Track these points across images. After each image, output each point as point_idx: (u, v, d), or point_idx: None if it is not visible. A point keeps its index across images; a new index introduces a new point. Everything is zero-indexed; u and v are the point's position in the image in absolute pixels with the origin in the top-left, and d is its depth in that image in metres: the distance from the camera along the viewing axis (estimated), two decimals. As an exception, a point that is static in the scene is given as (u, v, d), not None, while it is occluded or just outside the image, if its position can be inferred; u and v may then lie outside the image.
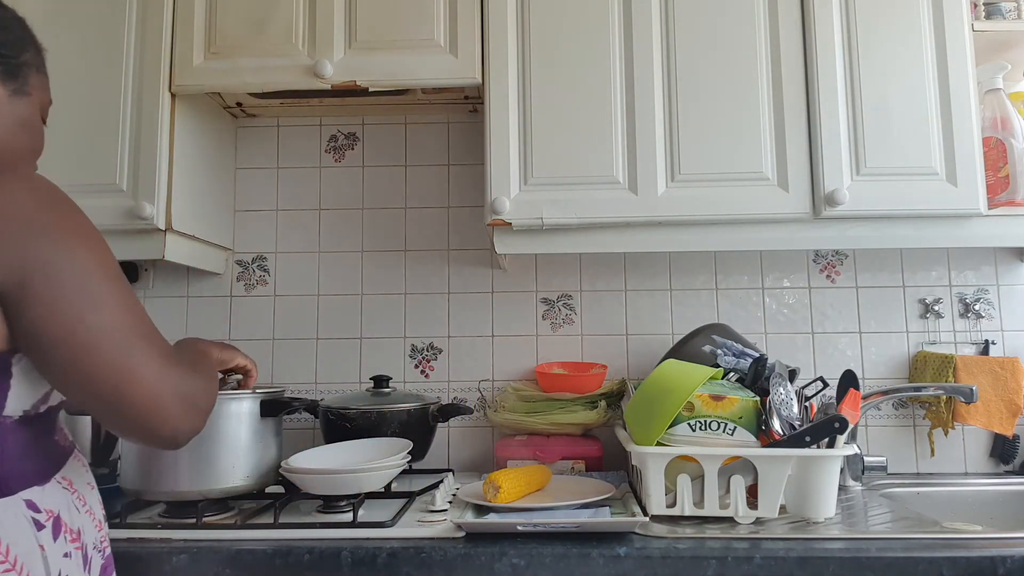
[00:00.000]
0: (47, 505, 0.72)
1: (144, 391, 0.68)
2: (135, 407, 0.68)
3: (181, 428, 0.71)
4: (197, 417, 0.74)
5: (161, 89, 1.30)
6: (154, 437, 0.71)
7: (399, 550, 0.94)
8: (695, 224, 1.27)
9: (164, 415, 0.69)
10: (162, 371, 0.69)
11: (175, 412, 0.70)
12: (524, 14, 1.30)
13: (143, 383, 0.68)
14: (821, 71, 1.26)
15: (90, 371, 0.66)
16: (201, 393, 0.75)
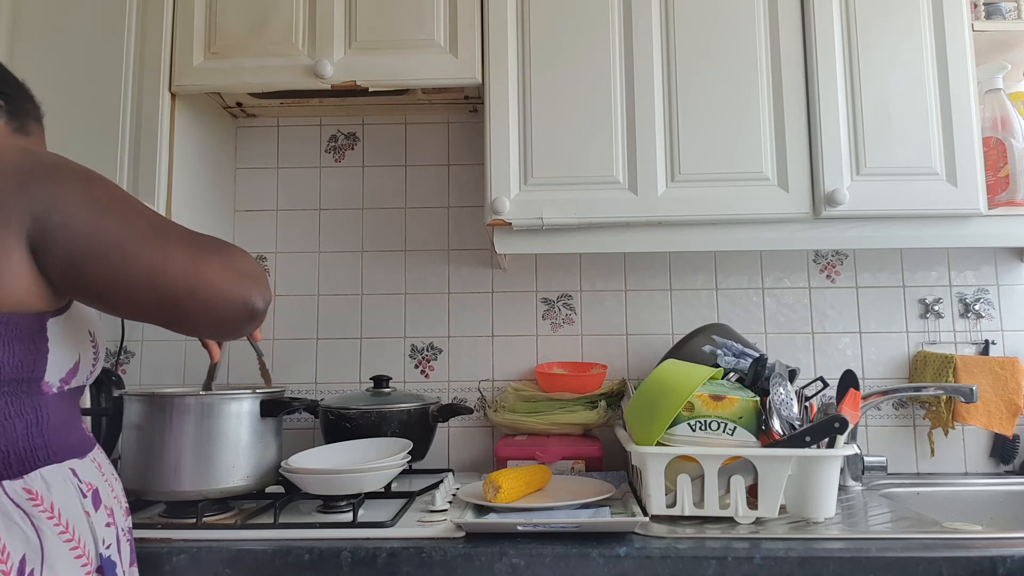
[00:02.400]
0: (86, 478, 0.77)
1: (180, 273, 0.71)
2: (184, 297, 0.71)
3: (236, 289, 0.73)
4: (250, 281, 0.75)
5: (161, 89, 1.30)
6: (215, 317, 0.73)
7: (399, 550, 0.94)
8: (695, 224, 1.27)
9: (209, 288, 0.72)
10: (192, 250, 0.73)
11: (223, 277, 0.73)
12: (524, 14, 1.30)
13: (177, 265, 0.71)
14: (821, 71, 1.26)
15: (123, 265, 0.70)
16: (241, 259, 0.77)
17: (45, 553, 0.68)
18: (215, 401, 1.10)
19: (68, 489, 0.73)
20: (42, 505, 0.70)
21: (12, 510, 0.67)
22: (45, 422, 0.74)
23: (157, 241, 0.72)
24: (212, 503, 1.09)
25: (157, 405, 1.08)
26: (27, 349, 0.71)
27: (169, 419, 1.07)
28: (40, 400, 0.74)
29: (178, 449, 1.06)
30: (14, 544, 0.66)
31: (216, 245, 0.76)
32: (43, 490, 0.71)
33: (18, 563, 0.66)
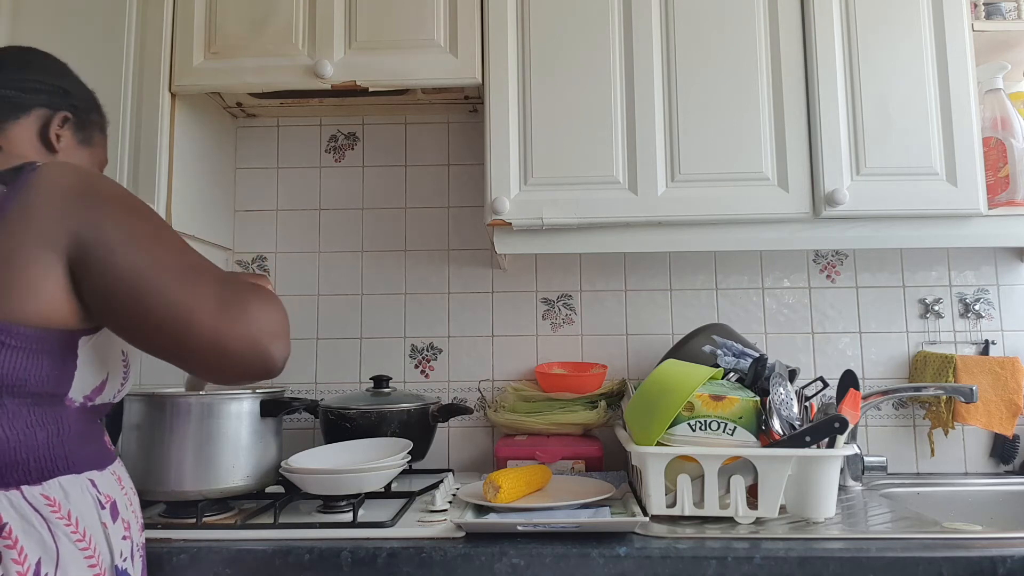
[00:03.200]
0: (105, 490, 0.78)
1: (207, 322, 0.71)
2: (202, 340, 0.71)
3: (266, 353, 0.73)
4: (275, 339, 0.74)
5: (161, 89, 1.30)
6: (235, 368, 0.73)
7: (399, 550, 0.94)
8: (695, 224, 1.27)
9: (234, 341, 0.71)
10: (221, 300, 0.72)
11: (249, 338, 0.72)
12: (524, 14, 1.30)
13: (204, 314, 0.71)
14: (821, 71, 1.26)
15: (154, 308, 0.70)
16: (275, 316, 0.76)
17: (60, 559, 0.69)
18: (215, 401, 1.09)
19: (86, 499, 0.75)
20: (59, 512, 0.71)
21: (31, 514, 0.69)
22: (66, 433, 0.75)
23: (189, 286, 0.72)
24: (212, 503, 1.09)
25: (157, 405, 1.08)
26: (55, 365, 0.72)
27: (169, 419, 1.07)
28: (62, 412, 0.75)
29: (178, 449, 1.07)
30: (31, 547, 0.67)
31: (246, 295, 0.75)
32: (61, 498, 0.72)
33: (34, 565, 0.67)
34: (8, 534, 0.66)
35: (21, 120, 0.83)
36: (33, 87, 0.85)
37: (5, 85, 0.83)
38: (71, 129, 0.88)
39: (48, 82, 0.86)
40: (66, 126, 0.87)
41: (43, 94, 0.85)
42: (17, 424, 0.70)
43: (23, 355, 0.69)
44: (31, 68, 0.86)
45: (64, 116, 0.87)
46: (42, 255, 0.69)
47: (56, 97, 0.87)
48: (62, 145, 0.87)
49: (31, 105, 0.84)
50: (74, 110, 0.88)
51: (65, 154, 0.87)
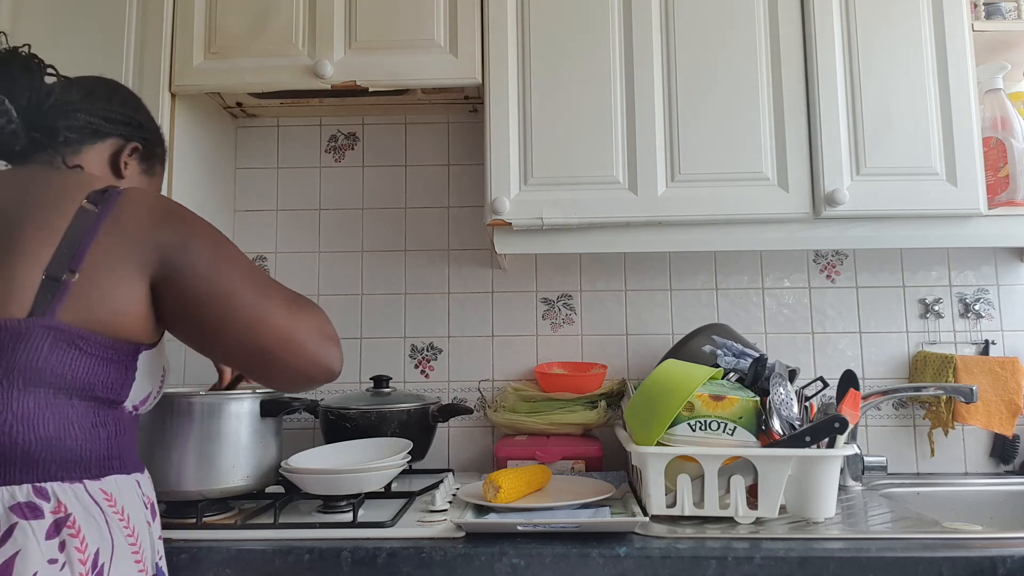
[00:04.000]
0: (147, 492, 0.84)
1: (279, 330, 0.80)
2: (275, 347, 0.80)
3: (323, 353, 0.83)
4: (336, 345, 0.85)
5: (161, 89, 1.30)
6: (298, 371, 0.82)
7: (399, 550, 0.94)
8: (695, 224, 1.27)
9: (303, 350, 0.81)
10: (291, 309, 0.82)
11: (315, 339, 0.82)
12: (524, 14, 1.30)
13: (277, 320, 0.80)
14: (821, 71, 1.26)
15: (234, 321, 0.79)
16: (330, 326, 0.86)
17: (115, 552, 0.73)
18: (215, 401, 1.09)
19: (135, 499, 0.80)
20: (115, 507, 0.75)
21: (92, 506, 0.73)
22: (122, 435, 0.80)
23: (263, 298, 0.81)
24: (212, 503, 1.09)
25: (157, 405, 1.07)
26: (120, 374, 0.78)
27: (169, 419, 1.07)
28: (120, 415, 0.80)
29: (178, 449, 1.07)
30: (92, 537, 0.71)
31: (309, 308, 0.85)
32: (116, 494, 0.77)
33: (93, 555, 0.70)
34: (72, 523, 0.70)
35: (97, 145, 0.90)
36: (114, 117, 0.91)
37: (92, 113, 0.89)
38: (138, 159, 0.95)
39: (126, 114, 0.93)
40: (134, 155, 0.94)
41: (120, 124, 0.92)
42: (85, 423, 0.75)
43: (95, 362, 0.75)
44: (114, 100, 0.93)
45: (135, 147, 0.94)
46: (130, 271, 0.76)
47: (131, 128, 0.94)
48: (128, 172, 0.94)
49: (109, 133, 0.91)
50: (144, 142, 0.95)
51: (129, 180, 0.94)
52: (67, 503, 0.70)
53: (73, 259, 0.74)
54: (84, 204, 0.78)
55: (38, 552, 0.67)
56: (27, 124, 0.84)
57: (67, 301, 0.73)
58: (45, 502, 0.69)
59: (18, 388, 0.71)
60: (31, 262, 0.73)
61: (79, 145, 0.89)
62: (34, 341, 0.71)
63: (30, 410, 0.71)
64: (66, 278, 0.73)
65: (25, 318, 0.71)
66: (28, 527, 0.67)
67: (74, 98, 0.89)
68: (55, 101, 0.86)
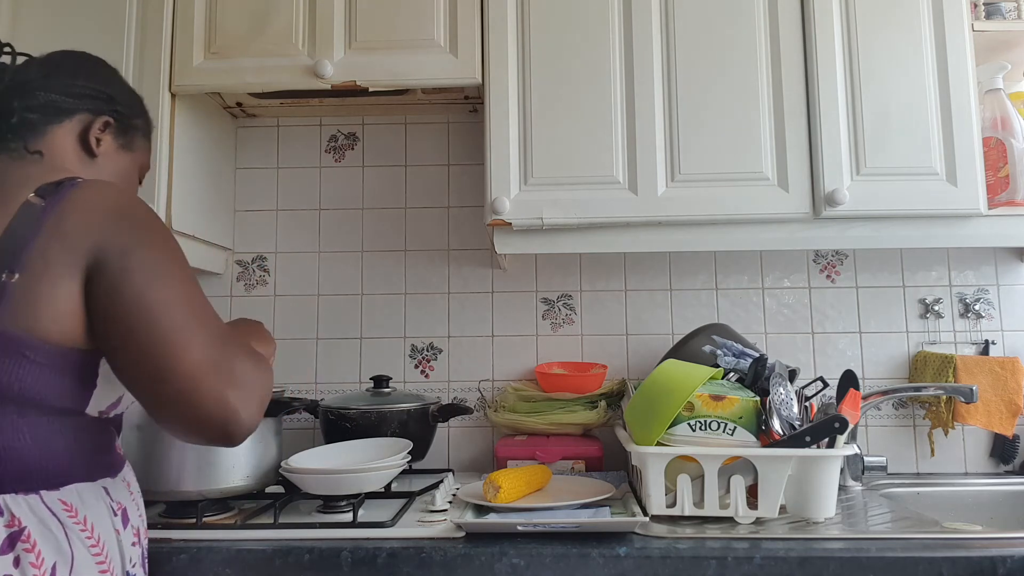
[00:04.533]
0: (117, 497, 0.79)
1: (188, 369, 0.69)
2: (180, 384, 0.69)
3: (233, 417, 0.71)
4: (251, 406, 0.73)
5: (161, 89, 1.30)
6: (202, 424, 0.70)
7: (399, 550, 0.94)
8: (695, 224, 1.27)
9: (207, 397, 0.69)
10: (209, 354, 0.71)
11: (220, 396, 0.70)
12: (524, 14, 1.30)
13: (188, 362, 0.69)
14: (821, 71, 1.26)
15: (144, 345, 0.69)
16: (256, 384, 0.75)
17: (75, 564, 0.69)
18: (215, 401, 1.09)
19: (100, 507, 0.75)
20: (76, 517, 0.71)
21: (49, 518, 0.69)
22: (83, 443, 0.75)
23: (186, 334, 0.70)
24: (212, 503, 1.09)
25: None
26: (75, 384, 0.72)
27: (169, 419, 1.07)
28: (81, 422, 0.75)
29: (178, 449, 1.06)
30: (48, 551, 0.67)
31: (239, 355, 0.74)
32: (78, 503, 0.72)
33: (50, 570, 0.67)
34: (27, 537, 0.66)
35: (64, 124, 0.83)
36: (78, 92, 0.85)
37: (53, 90, 0.83)
38: (112, 134, 0.88)
39: (93, 87, 0.86)
40: (107, 131, 0.87)
41: (87, 99, 0.85)
42: (38, 433, 0.70)
43: (46, 372, 0.69)
44: (79, 74, 0.86)
45: (105, 121, 0.86)
46: (66, 272, 0.69)
47: (100, 102, 0.86)
48: (102, 150, 0.86)
49: (74, 110, 0.84)
50: (116, 115, 0.88)
51: (105, 159, 0.87)
52: (21, 516, 0.67)
53: (13, 258, 0.68)
54: (31, 198, 0.71)
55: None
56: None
57: (6, 304, 0.66)
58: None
59: None
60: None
61: (43, 126, 0.81)
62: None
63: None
64: (4, 278, 0.67)
65: None
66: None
67: (33, 76, 0.83)
68: (11, 81, 0.81)
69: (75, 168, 0.83)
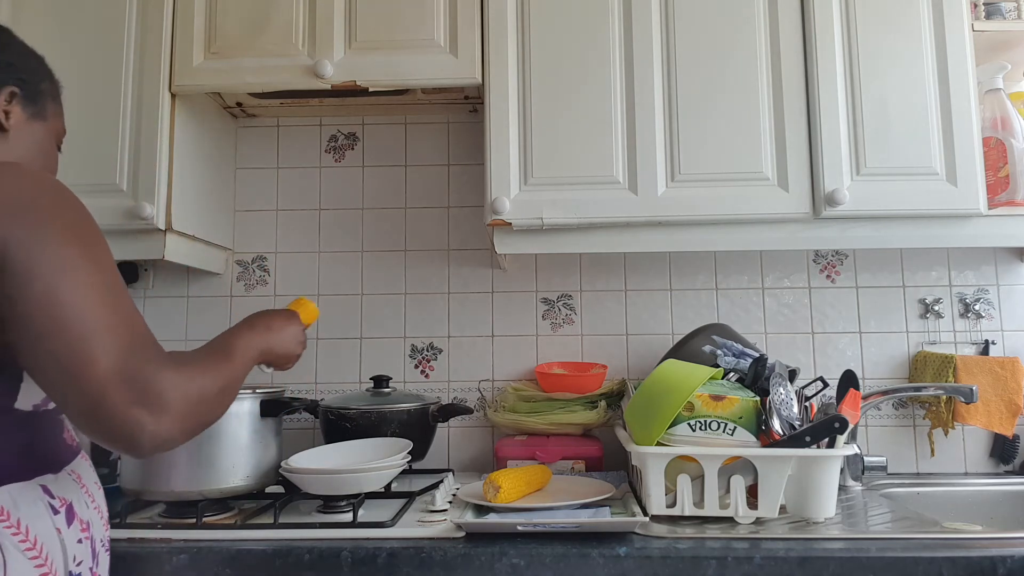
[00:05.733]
0: (60, 493, 0.75)
1: (97, 379, 0.63)
2: (86, 395, 0.63)
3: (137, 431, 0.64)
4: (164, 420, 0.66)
5: (161, 89, 1.30)
6: (107, 435, 0.65)
7: (399, 550, 0.94)
8: (695, 224, 1.27)
9: (112, 412, 0.63)
10: (121, 362, 0.64)
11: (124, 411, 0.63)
12: (524, 14, 1.30)
13: (97, 371, 0.63)
14: (821, 71, 1.26)
15: (52, 352, 0.63)
16: (177, 394, 0.67)
17: (8, 570, 0.66)
18: (215, 401, 1.09)
19: (38, 507, 0.71)
20: (8, 521, 0.67)
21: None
22: (14, 441, 0.71)
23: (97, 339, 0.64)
24: (212, 503, 1.09)
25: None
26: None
27: (169, 419, 1.07)
28: (8, 420, 0.71)
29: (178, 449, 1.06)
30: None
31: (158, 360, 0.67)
32: (10, 507, 0.68)
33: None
34: None
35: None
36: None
37: None
38: (20, 104, 0.80)
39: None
40: (14, 102, 0.79)
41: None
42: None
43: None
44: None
45: (11, 92, 0.79)
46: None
47: (2, 72, 0.79)
48: (12, 123, 0.79)
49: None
50: (21, 84, 0.80)
51: (17, 132, 0.80)
52: None
53: None
54: None
55: None
56: None
57: None
58: None
59: None
60: None
61: None
62: None
63: None
64: None
65: None
66: None
67: None
68: None
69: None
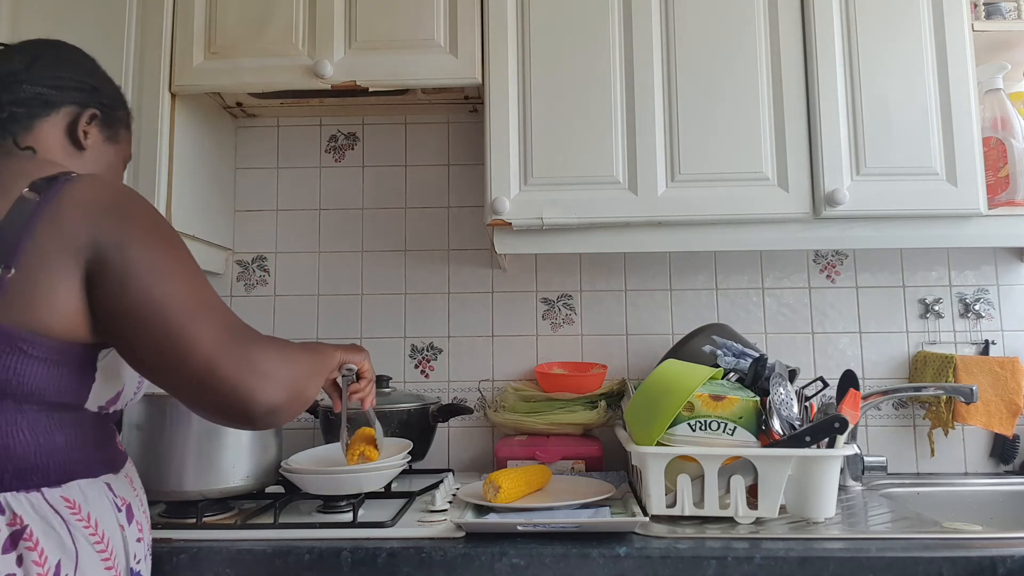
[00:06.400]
0: (120, 493, 0.79)
1: (202, 356, 0.70)
2: (195, 372, 0.70)
3: (249, 397, 0.71)
4: (270, 387, 0.72)
5: (161, 89, 1.30)
6: (222, 407, 0.72)
7: (399, 550, 0.94)
8: (695, 224, 1.27)
9: (224, 382, 0.70)
10: (222, 339, 0.71)
11: (237, 378, 0.70)
12: (524, 14, 1.30)
13: (202, 349, 0.70)
14: (821, 71, 1.26)
15: (157, 339, 0.70)
16: (276, 365, 0.74)
17: (79, 561, 0.69)
18: (215, 401, 1.09)
19: (104, 503, 0.75)
20: (79, 514, 0.71)
21: (51, 516, 0.69)
22: (83, 437, 0.75)
23: (196, 323, 0.71)
24: (212, 503, 1.09)
25: (157, 405, 1.07)
26: (73, 378, 0.72)
27: (169, 419, 1.07)
28: (81, 417, 0.75)
29: (178, 449, 1.06)
30: (51, 549, 0.67)
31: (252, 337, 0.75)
32: (81, 500, 0.72)
33: (54, 567, 0.67)
34: (29, 536, 0.66)
35: (51, 117, 0.82)
36: (64, 84, 0.83)
37: (37, 82, 0.81)
38: (98, 126, 0.87)
39: (78, 79, 0.85)
40: (93, 123, 0.86)
41: (73, 91, 0.84)
42: (37, 429, 0.70)
43: (44, 366, 0.69)
44: (62, 64, 0.85)
45: (92, 113, 0.86)
46: (64, 266, 0.69)
47: (85, 94, 0.85)
48: (89, 143, 0.86)
49: (61, 103, 0.83)
50: (102, 107, 0.87)
51: (93, 151, 0.86)
52: (23, 514, 0.67)
53: (8, 253, 0.68)
54: (25, 192, 0.71)
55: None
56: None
57: (2, 299, 0.66)
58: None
59: None
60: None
61: (29, 120, 0.80)
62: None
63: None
64: (0, 274, 0.67)
65: None
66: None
67: (16, 68, 0.81)
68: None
69: (63, 162, 0.82)
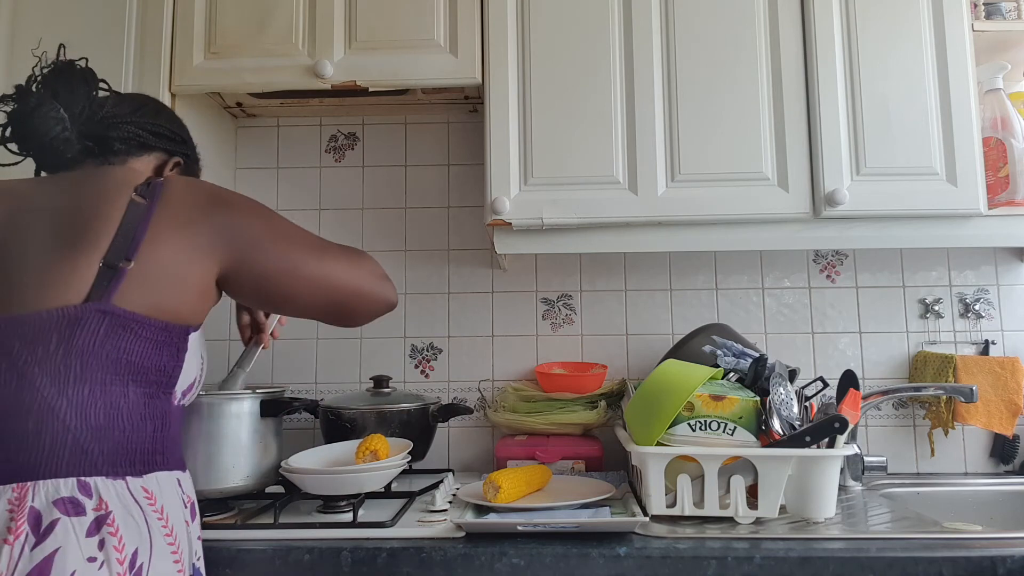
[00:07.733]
0: (187, 490, 0.84)
1: (343, 284, 0.91)
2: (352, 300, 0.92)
3: (383, 291, 0.95)
4: (386, 282, 0.97)
5: (161, 89, 1.30)
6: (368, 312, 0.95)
7: (399, 550, 0.94)
8: (695, 224, 1.27)
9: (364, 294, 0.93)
10: (349, 263, 0.93)
11: (373, 283, 0.94)
12: (524, 14, 1.30)
13: (340, 278, 0.91)
14: (821, 71, 1.26)
15: (306, 282, 0.88)
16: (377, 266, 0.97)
17: (153, 551, 0.73)
18: (215, 401, 1.10)
19: (175, 497, 0.80)
20: (155, 505, 0.76)
21: (132, 505, 0.73)
22: (167, 429, 0.82)
23: (324, 262, 0.90)
24: (212, 503, 1.09)
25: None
26: (171, 356, 0.80)
27: (169, 419, 1.07)
28: (167, 407, 0.82)
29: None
30: (130, 537, 0.71)
31: (361, 258, 0.95)
32: (157, 492, 0.77)
33: (131, 556, 0.71)
34: (112, 521, 0.70)
35: (143, 157, 0.94)
36: (160, 132, 0.96)
37: (141, 126, 0.93)
38: (179, 173, 0.99)
39: (172, 130, 0.98)
40: (176, 170, 0.98)
41: (166, 139, 0.97)
42: (134, 415, 0.77)
43: (150, 345, 0.78)
44: (161, 116, 0.98)
45: (177, 161, 0.98)
46: (192, 255, 0.81)
47: (175, 144, 0.98)
48: None
49: (155, 147, 0.96)
50: (186, 158, 1.00)
51: None
52: (108, 500, 0.71)
53: (128, 248, 0.77)
54: (134, 197, 0.82)
55: (77, 549, 0.67)
56: (80, 133, 0.87)
57: (122, 287, 0.76)
58: (88, 498, 0.70)
59: (74, 374, 0.73)
60: (91, 252, 0.76)
61: (126, 156, 0.92)
62: (90, 325, 0.73)
63: (83, 398, 0.73)
64: (122, 266, 0.76)
65: (81, 303, 0.74)
66: (69, 523, 0.68)
67: (125, 111, 0.93)
68: (107, 112, 0.90)
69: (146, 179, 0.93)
